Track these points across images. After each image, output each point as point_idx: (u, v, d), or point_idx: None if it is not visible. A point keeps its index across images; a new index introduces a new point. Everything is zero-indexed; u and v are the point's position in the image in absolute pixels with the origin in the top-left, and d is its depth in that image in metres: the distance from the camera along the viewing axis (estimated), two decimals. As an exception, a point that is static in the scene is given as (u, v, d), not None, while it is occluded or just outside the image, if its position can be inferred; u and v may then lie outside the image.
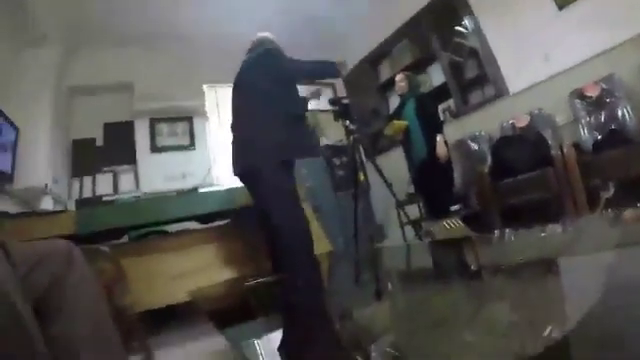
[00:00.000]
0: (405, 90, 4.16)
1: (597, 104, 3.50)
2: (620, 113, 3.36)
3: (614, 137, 3.18)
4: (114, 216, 2.71)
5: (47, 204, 3.58)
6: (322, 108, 5.96)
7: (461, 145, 4.49)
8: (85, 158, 4.53)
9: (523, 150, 3.56)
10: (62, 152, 4.38)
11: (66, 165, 4.46)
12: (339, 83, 6.29)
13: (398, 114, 4.20)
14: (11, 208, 3.14)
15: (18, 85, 3.75)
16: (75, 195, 4.35)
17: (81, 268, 1.15)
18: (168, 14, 4.64)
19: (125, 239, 3.09)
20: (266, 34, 3.03)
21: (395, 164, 4.54)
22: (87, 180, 4.47)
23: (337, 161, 5.41)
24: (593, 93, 3.51)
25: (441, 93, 4.95)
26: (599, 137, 3.38)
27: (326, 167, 5.27)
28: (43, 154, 3.82)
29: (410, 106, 4.08)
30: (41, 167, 3.75)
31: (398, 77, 4.25)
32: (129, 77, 4.82)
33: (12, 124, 3.40)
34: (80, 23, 4.34)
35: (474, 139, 4.43)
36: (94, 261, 2.61)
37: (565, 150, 3.19)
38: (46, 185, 3.65)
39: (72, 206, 3.99)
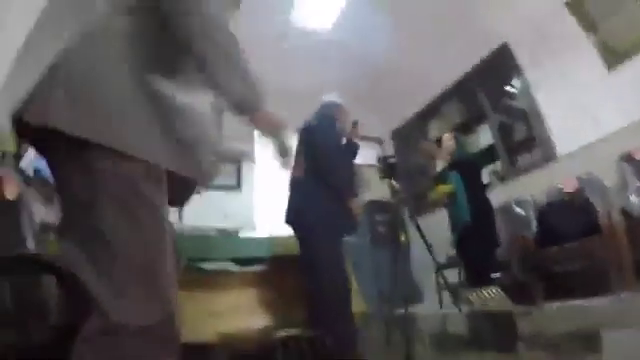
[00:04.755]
0: (452, 150, 4.13)
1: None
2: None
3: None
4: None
5: None
6: (367, 162, 6.06)
7: (506, 210, 4.32)
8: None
9: (570, 217, 3.40)
10: None
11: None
12: (387, 139, 6.40)
13: (444, 176, 4.16)
14: None
15: None
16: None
17: None
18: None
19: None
20: (330, 99, 3.14)
21: (438, 225, 4.40)
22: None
23: (379, 217, 5.38)
24: (642, 157, 3.35)
25: (489, 154, 4.86)
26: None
27: (367, 223, 5.23)
28: None
29: (454, 175, 3.99)
30: None
31: (446, 136, 4.23)
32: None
33: None
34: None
35: (520, 204, 4.25)
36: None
37: (613, 217, 3.06)
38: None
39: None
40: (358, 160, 5.78)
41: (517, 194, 4.35)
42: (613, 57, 3.66)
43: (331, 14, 4.64)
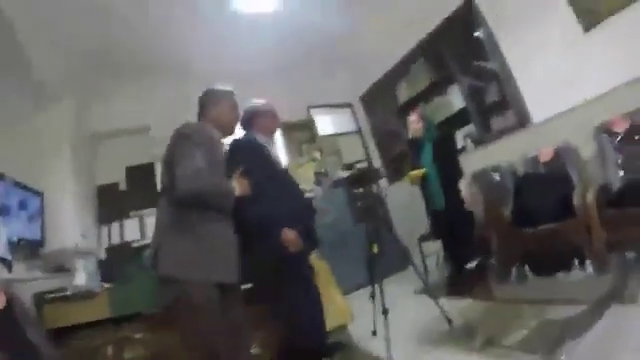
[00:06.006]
0: (421, 133, 3.99)
1: (626, 140, 3.15)
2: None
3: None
4: (144, 297, 2.80)
5: (79, 266, 3.65)
6: (339, 131, 5.93)
7: (483, 176, 4.28)
8: (110, 203, 4.62)
9: (545, 192, 3.33)
10: (87, 203, 4.48)
11: (93, 213, 4.55)
12: (357, 104, 6.23)
13: (415, 159, 4.04)
14: (44, 276, 3.32)
15: (36, 147, 3.88)
16: (105, 243, 4.46)
17: None
18: (181, 53, 4.59)
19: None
20: (251, 105, 2.71)
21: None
22: (115, 226, 4.57)
23: (356, 191, 5.23)
24: (620, 128, 3.18)
25: (461, 118, 4.72)
26: (626, 180, 3.08)
27: (347, 199, 5.15)
28: (69, 213, 3.97)
29: (427, 151, 3.92)
30: (68, 226, 3.90)
31: (412, 118, 4.04)
32: (145, 120, 4.80)
33: (36, 192, 3.52)
34: (89, 74, 4.32)
35: (496, 170, 4.18)
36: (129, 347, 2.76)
37: (587, 199, 2.94)
38: (76, 244, 3.77)
39: (102, 254, 4.11)
40: (330, 129, 5.69)
41: (492, 159, 4.29)
42: (590, 17, 3.38)
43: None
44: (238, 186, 2.13)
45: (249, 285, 3.11)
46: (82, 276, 3.35)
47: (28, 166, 3.61)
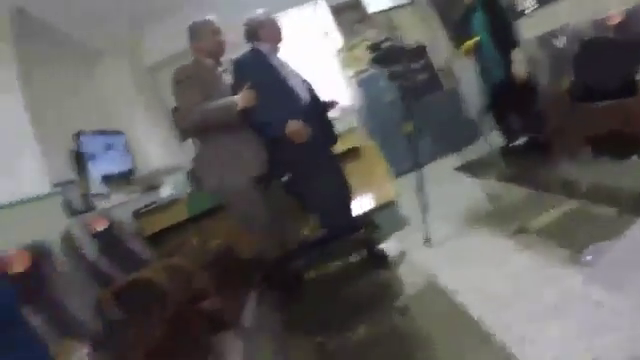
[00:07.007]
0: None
1: None
2: None
3: None
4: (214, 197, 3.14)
5: (165, 182, 4.21)
6: (392, 5, 5.55)
7: (545, 43, 3.93)
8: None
9: (610, 63, 2.96)
10: (165, 126, 4.97)
11: (173, 134, 5.03)
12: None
13: (466, 29, 3.77)
14: (138, 196, 3.97)
15: (108, 97, 4.36)
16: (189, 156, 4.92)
17: None
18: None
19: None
20: (253, 18, 2.71)
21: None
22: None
23: (416, 65, 5.11)
24: None
25: None
26: None
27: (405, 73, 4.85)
28: (152, 140, 4.53)
29: (479, 18, 3.62)
30: (154, 151, 4.48)
31: None
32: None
33: (117, 132, 4.09)
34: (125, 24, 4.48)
35: (561, 33, 3.75)
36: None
37: None
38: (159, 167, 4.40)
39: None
40: (383, 4, 5.40)
41: (557, 22, 3.88)
42: None
43: None
44: (244, 99, 2.40)
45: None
46: (167, 189, 3.94)
47: (109, 114, 4.21)
